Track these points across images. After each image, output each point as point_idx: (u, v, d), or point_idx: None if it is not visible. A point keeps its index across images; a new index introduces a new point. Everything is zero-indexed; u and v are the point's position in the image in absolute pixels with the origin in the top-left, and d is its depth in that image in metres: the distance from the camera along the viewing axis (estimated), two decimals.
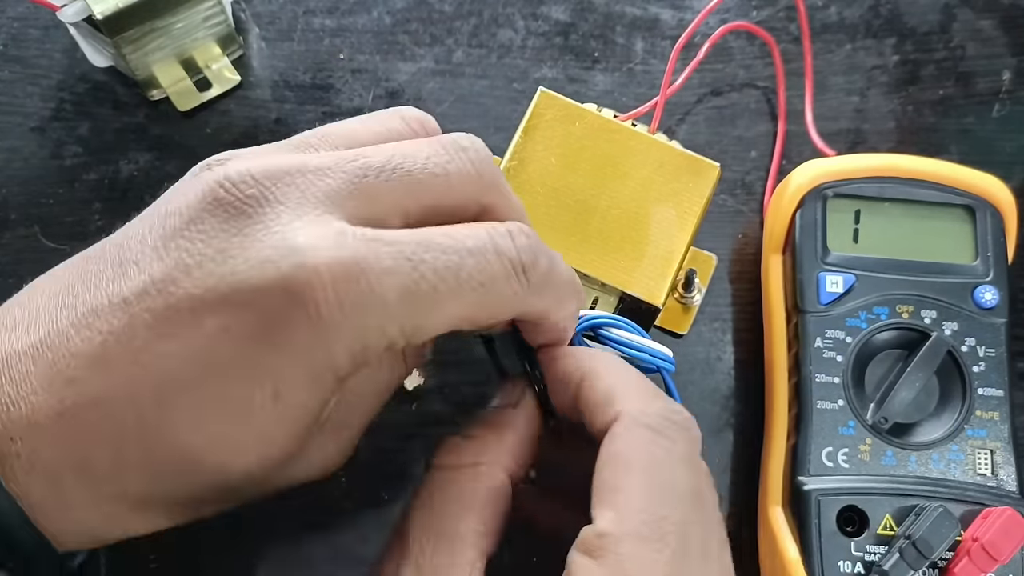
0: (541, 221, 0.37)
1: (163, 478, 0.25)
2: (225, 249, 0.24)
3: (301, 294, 0.24)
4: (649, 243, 0.37)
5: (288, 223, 0.24)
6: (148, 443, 0.24)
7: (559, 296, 0.28)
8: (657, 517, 0.25)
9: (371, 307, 0.24)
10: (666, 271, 0.36)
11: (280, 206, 0.25)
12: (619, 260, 0.36)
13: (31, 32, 0.46)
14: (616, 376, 0.28)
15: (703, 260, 0.42)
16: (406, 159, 0.27)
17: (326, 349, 0.24)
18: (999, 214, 0.39)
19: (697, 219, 0.37)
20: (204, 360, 0.24)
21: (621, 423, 0.27)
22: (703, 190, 0.37)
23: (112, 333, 0.24)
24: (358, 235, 0.25)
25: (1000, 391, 0.36)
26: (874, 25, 0.47)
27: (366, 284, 0.24)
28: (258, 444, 0.25)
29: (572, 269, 0.29)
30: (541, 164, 0.37)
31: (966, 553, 0.33)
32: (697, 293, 0.41)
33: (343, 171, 0.26)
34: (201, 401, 0.24)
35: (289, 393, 0.24)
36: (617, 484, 0.26)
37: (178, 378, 0.24)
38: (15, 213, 0.43)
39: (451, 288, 0.25)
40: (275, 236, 0.24)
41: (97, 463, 0.25)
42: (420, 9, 0.47)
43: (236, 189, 0.25)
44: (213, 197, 0.25)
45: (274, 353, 0.24)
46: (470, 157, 0.28)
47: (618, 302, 0.37)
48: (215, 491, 0.26)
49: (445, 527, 0.27)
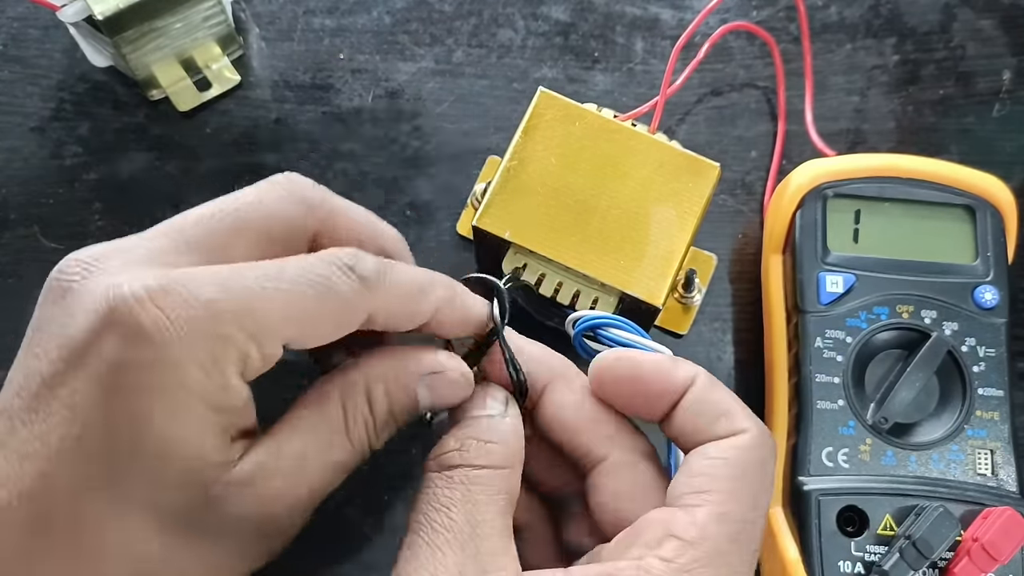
0: (541, 221, 0.37)
1: None
2: (62, 322, 0.26)
3: (127, 319, 0.25)
4: (649, 243, 0.37)
5: (112, 277, 0.26)
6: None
7: (408, 290, 0.29)
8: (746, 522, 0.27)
9: (200, 318, 0.25)
10: (666, 271, 0.36)
11: (102, 273, 0.26)
12: (619, 260, 0.36)
13: (31, 32, 0.46)
14: (723, 391, 0.29)
15: (703, 260, 0.42)
16: (223, 203, 0.29)
17: (178, 370, 0.25)
18: (999, 214, 0.39)
19: (697, 219, 0.37)
20: (80, 421, 0.25)
21: (747, 438, 0.28)
22: (703, 190, 0.37)
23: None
24: (177, 270, 0.26)
25: (1000, 391, 0.36)
26: (874, 25, 0.47)
27: (188, 296, 0.25)
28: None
29: (423, 270, 0.30)
30: (541, 164, 0.37)
31: (966, 553, 0.33)
32: (697, 293, 0.41)
33: (164, 233, 0.28)
34: (96, 465, 0.25)
35: (169, 426, 0.25)
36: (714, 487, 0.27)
37: (63, 453, 0.25)
38: (15, 213, 0.43)
39: (277, 288, 0.26)
40: (99, 289, 0.26)
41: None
42: (420, 9, 0.47)
43: (63, 274, 0.27)
44: (48, 289, 0.27)
45: (128, 397, 0.25)
46: (284, 186, 0.30)
47: (618, 302, 0.37)
48: None
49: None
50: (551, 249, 0.36)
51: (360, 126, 0.45)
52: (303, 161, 0.44)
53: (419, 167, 0.44)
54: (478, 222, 0.37)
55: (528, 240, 0.37)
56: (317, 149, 0.44)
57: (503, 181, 0.37)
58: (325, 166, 0.44)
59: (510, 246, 0.37)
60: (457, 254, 0.43)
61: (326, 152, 0.44)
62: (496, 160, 0.44)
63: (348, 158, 0.44)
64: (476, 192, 0.43)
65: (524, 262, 0.37)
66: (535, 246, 0.36)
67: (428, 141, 0.45)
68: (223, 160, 0.44)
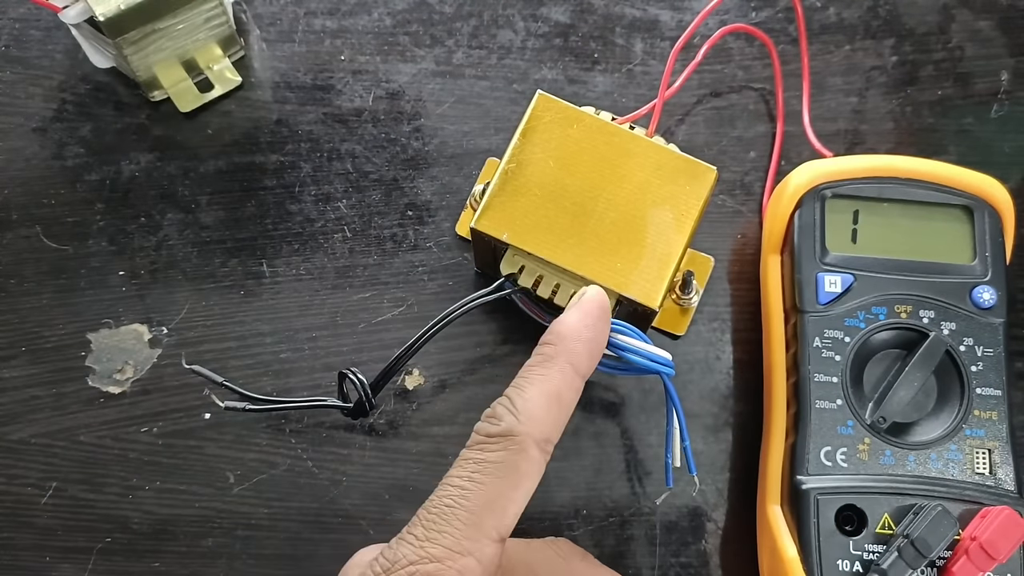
0: (539, 223, 0.37)
1: None
2: None
3: None
4: (646, 246, 0.37)
5: None
6: None
7: (548, 399, 0.32)
8: None
9: None
10: (663, 273, 0.36)
11: None
12: (616, 263, 0.36)
13: (33, 33, 0.46)
14: None
15: (701, 262, 0.42)
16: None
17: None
18: (997, 214, 0.39)
19: (694, 222, 0.37)
20: None
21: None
22: (700, 193, 0.37)
23: None
24: None
25: (998, 391, 0.37)
26: (872, 26, 0.47)
27: None
28: None
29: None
30: (539, 167, 0.38)
31: (964, 552, 0.33)
32: (695, 295, 0.42)
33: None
34: None
35: None
36: None
37: None
38: (17, 213, 0.43)
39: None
40: None
41: None
42: (420, 10, 0.47)
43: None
44: None
45: None
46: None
47: (615, 304, 0.37)
48: None
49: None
50: (548, 251, 0.37)
51: (360, 127, 0.45)
52: (304, 162, 0.44)
53: (419, 168, 0.44)
54: (476, 224, 0.37)
55: (526, 242, 0.37)
56: (318, 150, 0.44)
57: (501, 183, 0.37)
58: (325, 167, 0.44)
59: (507, 248, 0.37)
60: (456, 255, 0.43)
61: (326, 153, 0.44)
62: (495, 162, 0.44)
63: (348, 158, 0.44)
64: (475, 193, 0.43)
65: (521, 264, 0.37)
66: (533, 248, 0.37)
67: (428, 142, 0.45)
68: (224, 161, 0.44)
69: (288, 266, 0.43)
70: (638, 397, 0.41)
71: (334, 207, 0.44)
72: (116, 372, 0.41)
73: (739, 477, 0.40)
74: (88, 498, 0.39)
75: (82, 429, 0.40)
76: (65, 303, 0.42)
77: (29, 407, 0.40)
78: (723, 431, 0.41)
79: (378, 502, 0.40)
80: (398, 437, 0.40)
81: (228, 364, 0.41)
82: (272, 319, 0.42)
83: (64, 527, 0.39)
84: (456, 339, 0.41)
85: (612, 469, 0.40)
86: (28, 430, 0.40)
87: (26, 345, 0.41)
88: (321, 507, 0.40)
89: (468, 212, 0.43)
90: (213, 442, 0.40)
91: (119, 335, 0.41)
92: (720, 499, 0.40)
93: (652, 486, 0.40)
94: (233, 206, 0.43)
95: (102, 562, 0.39)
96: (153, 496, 0.39)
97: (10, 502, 0.39)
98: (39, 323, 0.42)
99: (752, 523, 0.39)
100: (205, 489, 0.40)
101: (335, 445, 0.40)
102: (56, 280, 0.42)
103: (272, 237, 0.43)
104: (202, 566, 0.39)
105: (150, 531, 0.39)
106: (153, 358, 0.41)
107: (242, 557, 0.39)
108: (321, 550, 0.39)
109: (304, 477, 0.40)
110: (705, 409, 0.41)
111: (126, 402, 0.41)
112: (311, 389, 0.41)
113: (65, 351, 0.41)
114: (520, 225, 0.37)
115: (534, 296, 0.37)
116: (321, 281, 0.42)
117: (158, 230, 0.43)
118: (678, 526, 0.40)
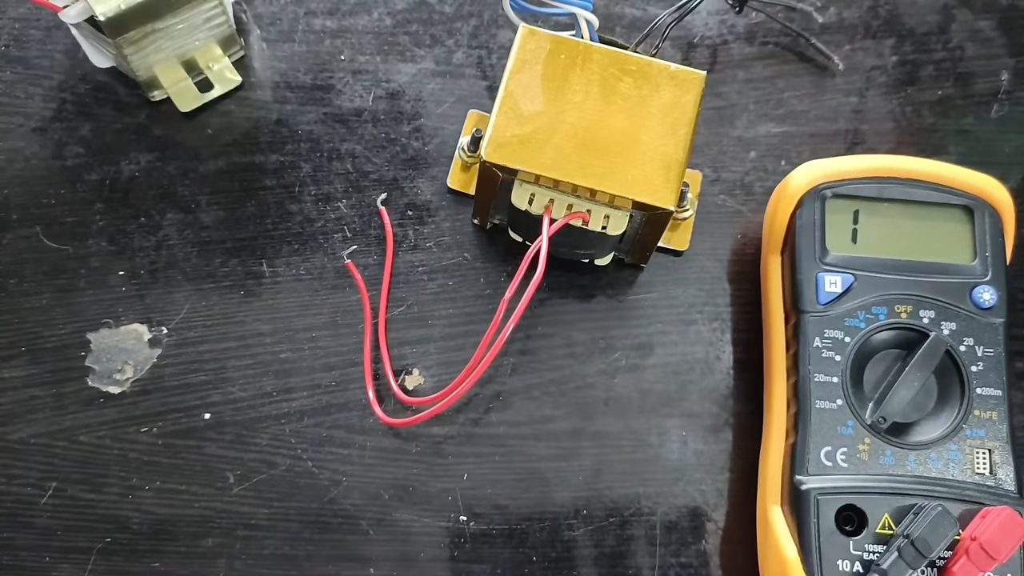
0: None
1: None
2: None
3: None
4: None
5: None
6: None
7: None
8: None
9: None
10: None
11: None
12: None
13: (33, 33, 0.46)
14: None
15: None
16: None
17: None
18: (997, 214, 0.39)
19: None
20: None
21: None
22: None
23: None
24: None
25: (998, 391, 0.37)
26: (873, 26, 0.47)
27: None
28: None
29: None
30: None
31: (964, 552, 0.33)
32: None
33: None
34: None
35: None
36: None
37: None
38: (16, 213, 0.43)
39: None
40: None
41: None
42: (420, 10, 0.47)
43: None
44: None
45: None
46: None
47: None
48: None
49: None
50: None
51: (360, 127, 0.45)
52: (304, 162, 0.44)
53: (419, 168, 0.44)
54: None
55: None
56: (318, 150, 0.44)
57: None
58: (325, 167, 0.44)
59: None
60: (456, 254, 0.43)
61: (326, 153, 0.44)
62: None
63: (348, 158, 0.44)
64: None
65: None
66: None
67: (428, 142, 0.45)
68: (224, 161, 0.44)
69: (288, 266, 0.43)
70: (638, 397, 0.41)
71: (334, 207, 0.44)
72: (116, 372, 0.41)
73: (739, 477, 0.40)
74: (88, 498, 0.39)
75: (82, 429, 0.40)
76: (65, 303, 0.42)
77: (29, 407, 0.40)
78: (723, 431, 0.41)
79: (378, 502, 0.40)
80: (398, 437, 0.40)
81: (228, 364, 0.41)
82: (272, 319, 0.42)
83: (64, 527, 0.39)
84: (456, 339, 0.41)
85: (612, 469, 0.40)
86: (28, 430, 0.40)
87: (26, 345, 0.41)
88: (321, 507, 0.40)
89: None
90: (213, 442, 0.40)
91: (119, 335, 0.41)
92: (720, 499, 0.40)
93: (652, 486, 0.40)
94: (233, 206, 0.43)
95: (102, 562, 0.39)
96: (153, 496, 0.39)
97: (10, 502, 0.39)
98: (39, 323, 0.42)
99: (752, 523, 0.39)
100: (205, 489, 0.40)
101: (335, 445, 0.40)
102: (56, 280, 0.42)
103: (272, 237, 0.43)
104: (202, 566, 0.39)
105: (150, 531, 0.39)
106: (153, 358, 0.41)
107: (242, 557, 0.39)
108: (321, 550, 0.39)
109: (304, 477, 0.40)
110: (705, 409, 0.41)
111: (126, 402, 0.41)
112: (311, 389, 0.41)
113: (65, 351, 0.41)
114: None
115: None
116: (321, 281, 0.42)
117: (158, 230, 0.43)
118: (678, 526, 0.40)
